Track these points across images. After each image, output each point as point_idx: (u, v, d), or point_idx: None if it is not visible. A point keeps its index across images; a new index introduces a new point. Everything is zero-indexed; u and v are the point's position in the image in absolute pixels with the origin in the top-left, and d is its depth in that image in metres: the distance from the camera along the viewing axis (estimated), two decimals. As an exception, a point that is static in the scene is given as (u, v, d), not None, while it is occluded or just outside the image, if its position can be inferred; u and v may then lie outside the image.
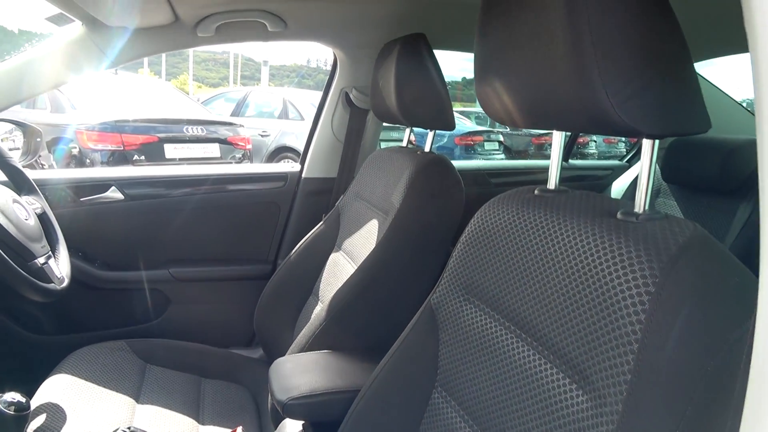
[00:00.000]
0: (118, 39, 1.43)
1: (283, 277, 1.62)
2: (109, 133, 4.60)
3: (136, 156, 4.71)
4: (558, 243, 0.71)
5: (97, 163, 4.57)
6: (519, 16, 0.66)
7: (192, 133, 5.08)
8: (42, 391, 1.26)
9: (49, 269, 1.26)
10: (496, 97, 0.75)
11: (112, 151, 4.59)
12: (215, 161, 5.29)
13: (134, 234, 1.74)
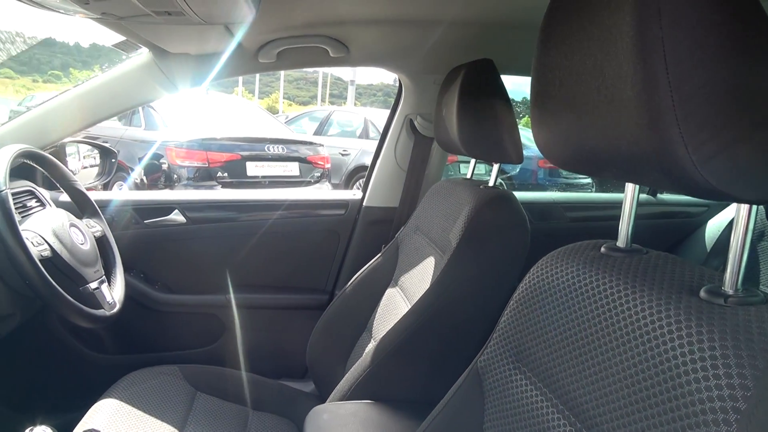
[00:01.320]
0: (183, 65, 1.43)
1: (337, 310, 1.55)
2: (196, 151, 4.79)
3: (220, 173, 4.87)
4: (624, 319, 0.58)
5: (184, 179, 4.77)
6: (581, 44, 0.55)
7: (273, 151, 5.20)
8: (89, 415, 1.25)
9: (101, 294, 1.26)
10: (551, 134, 0.63)
11: (197, 167, 4.77)
12: (294, 179, 5.39)
13: (194, 257, 1.73)
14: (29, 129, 1.45)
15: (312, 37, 1.38)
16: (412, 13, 1.29)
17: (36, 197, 1.51)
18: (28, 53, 28.02)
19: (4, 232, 1.05)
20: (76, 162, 1.85)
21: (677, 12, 0.43)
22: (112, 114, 1.51)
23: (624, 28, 0.47)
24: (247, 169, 5.05)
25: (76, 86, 1.51)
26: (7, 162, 1.13)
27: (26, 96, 16.07)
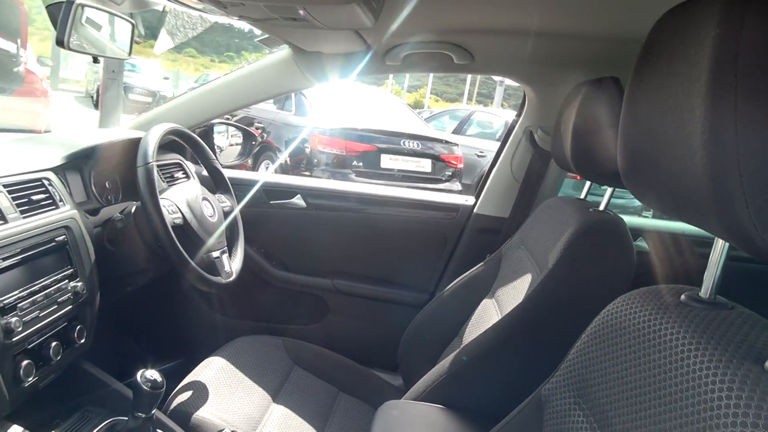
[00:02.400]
0: (316, 62, 1.54)
1: (433, 311, 1.58)
2: (336, 139, 5.05)
3: (355, 162, 5.09)
4: (684, 375, 0.55)
5: (322, 164, 5.05)
6: (666, 82, 0.52)
7: (408, 146, 5.32)
8: (199, 368, 1.40)
9: (220, 263, 1.41)
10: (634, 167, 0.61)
11: (335, 155, 5.03)
12: (425, 176, 5.46)
13: (309, 241, 1.86)
14: (183, 110, 1.65)
15: (437, 43, 1.41)
16: (540, 25, 1.26)
17: (183, 170, 1.72)
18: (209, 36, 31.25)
19: (146, 200, 1.21)
20: (224, 140, 2.07)
21: (755, 60, 0.40)
22: (252, 102, 1.67)
23: (701, 69, 0.45)
24: (381, 161, 5.21)
25: (225, 74, 1.68)
26: (157, 139, 1.31)
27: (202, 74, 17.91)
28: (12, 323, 0.94)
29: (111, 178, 1.46)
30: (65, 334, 1.11)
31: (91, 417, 1.16)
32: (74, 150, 1.29)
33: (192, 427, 1.20)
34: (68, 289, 1.11)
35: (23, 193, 1.07)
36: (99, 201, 1.39)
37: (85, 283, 1.15)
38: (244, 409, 1.32)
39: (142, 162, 1.25)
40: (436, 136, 5.71)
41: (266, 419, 1.34)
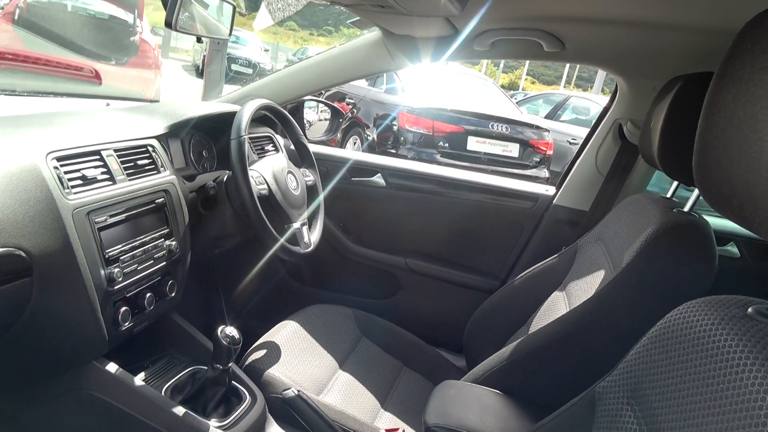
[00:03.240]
0: (405, 45, 1.56)
1: (502, 298, 1.59)
2: (424, 118, 5.05)
3: (441, 143, 5.08)
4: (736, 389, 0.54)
5: (408, 142, 5.08)
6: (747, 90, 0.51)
7: (497, 130, 5.23)
8: (273, 330, 1.50)
9: (300, 234, 1.48)
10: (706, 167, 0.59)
11: (422, 134, 5.04)
12: (512, 161, 5.36)
13: (386, 219, 1.91)
14: (276, 86, 1.73)
15: (527, 30, 1.39)
16: (636, 14, 1.21)
17: (273, 143, 1.81)
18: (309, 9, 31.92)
19: (236, 170, 1.31)
20: (314, 115, 2.15)
21: None
22: (341, 82, 1.72)
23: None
24: (468, 143, 5.17)
25: (318, 54, 1.75)
26: (250, 114, 1.39)
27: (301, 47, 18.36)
28: (114, 273, 1.06)
29: (208, 147, 1.58)
30: (159, 287, 1.24)
31: (176, 363, 1.28)
32: (176, 120, 1.40)
33: (263, 382, 1.30)
34: (164, 247, 1.22)
35: (131, 158, 1.19)
36: (196, 168, 1.51)
37: (178, 242, 1.26)
38: (311, 372, 1.40)
39: (236, 135, 1.34)
40: (527, 121, 5.56)
41: (331, 384, 1.42)
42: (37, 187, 0.94)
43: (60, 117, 1.19)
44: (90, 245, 1.02)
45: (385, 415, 1.42)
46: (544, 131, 5.54)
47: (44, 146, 1.00)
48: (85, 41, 3.93)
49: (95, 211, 1.04)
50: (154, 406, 1.09)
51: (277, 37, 25.45)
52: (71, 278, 0.98)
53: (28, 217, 0.92)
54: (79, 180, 1.04)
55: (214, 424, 1.12)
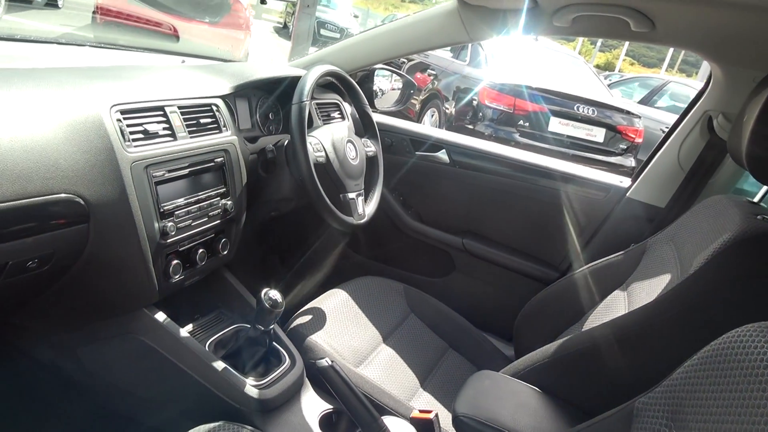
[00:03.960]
0: (479, 17, 1.49)
1: (559, 291, 1.52)
2: (506, 95, 4.88)
3: (521, 122, 4.90)
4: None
5: (487, 119, 4.95)
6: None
7: (582, 112, 4.98)
8: (323, 297, 1.52)
9: (354, 205, 1.48)
10: None
11: (502, 111, 4.88)
12: (596, 146, 5.10)
13: (447, 196, 1.87)
14: (346, 53, 1.71)
15: (614, 7, 1.28)
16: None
17: (339, 110, 1.81)
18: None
19: (295, 136, 1.31)
20: (387, 84, 2.11)
21: None
22: (412, 52, 1.68)
23: None
24: (550, 124, 4.96)
25: (391, 22, 1.71)
26: (314, 80, 1.38)
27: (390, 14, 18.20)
28: (168, 227, 1.09)
29: (274, 110, 1.59)
30: (211, 244, 1.27)
31: (223, 319, 1.32)
32: (243, 81, 1.42)
33: (304, 347, 1.32)
34: (219, 205, 1.25)
35: (194, 116, 1.22)
36: (261, 130, 1.53)
37: (234, 202, 1.29)
38: (354, 342, 1.41)
39: (297, 100, 1.34)
40: (616, 105, 5.25)
41: (373, 357, 1.42)
42: (99, 138, 0.98)
43: (130, 71, 1.22)
44: (146, 198, 1.05)
45: (423, 395, 1.41)
46: (635, 117, 5.22)
47: (110, 99, 1.03)
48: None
49: (154, 165, 1.07)
50: (196, 357, 1.14)
51: (368, 3, 25.35)
52: (125, 228, 1.02)
53: (88, 166, 0.96)
54: (141, 134, 1.07)
55: (251, 382, 1.15)
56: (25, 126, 0.88)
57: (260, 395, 1.14)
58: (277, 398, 1.16)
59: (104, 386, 1.23)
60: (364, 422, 1.01)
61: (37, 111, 0.91)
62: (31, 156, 0.86)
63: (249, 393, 1.13)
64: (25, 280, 0.93)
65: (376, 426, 1.02)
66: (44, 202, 0.88)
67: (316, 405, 1.23)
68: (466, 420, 0.98)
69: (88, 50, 1.42)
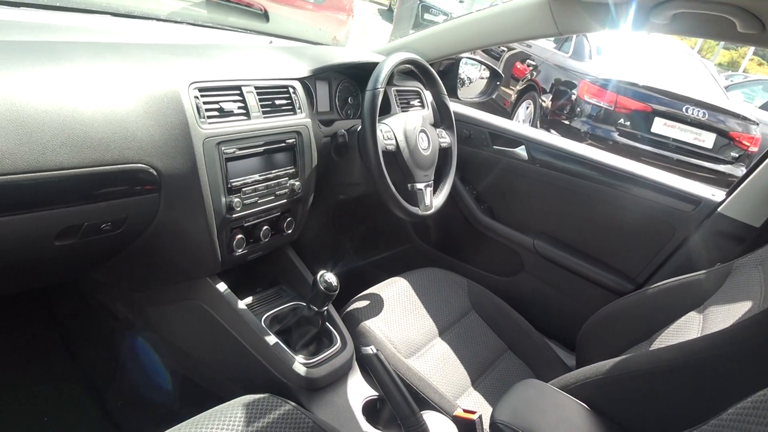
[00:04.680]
0: (571, 10, 1.42)
1: (632, 304, 1.43)
2: (607, 91, 4.62)
3: (622, 120, 4.63)
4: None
5: (584, 115, 4.72)
6: None
7: (692, 114, 4.61)
8: (382, 284, 1.53)
9: (422, 195, 1.46)
10: None
11: (601, 108, 4.63)
12: (703, 152, 4.72)
13: (522, 194, 1.80)
14: (429, 41, 1.69)
15: (720, 5, 1.16)
16: None
17: (420, 98, 1.79)
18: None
19: (365, 122, 1.31)
20: (475, 73, 2.07)
21: None
22: (497, 43, 1.63)
23: None
24: (654, 125, 4.64)
25: (479, 11, 1.66)
26: (391, 67, 1.37)
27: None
28: (234, 202, 1.14)
29: (354, 94, 1.60)
30: (277, 222, 1.31)
31: (282, 295, 1.36)
32: (322, 65, 1.44)
33: (357, 332, 1.34)
34: (287, 185, 1.28)
35: (269, 97, 1.25)
36: (339, 114, 1.55)
37: (302, 183, 1.32)
38: (409, 333, 1.41)
39: (371, 87, 1.34)
40: (731, 109, 4.81)
41: (426, 350, 1.41)
42: (175, 114, 1.03)
43: (213, 49, 1.28)
44: (215, 173, 1.10)
45: (472, 395, 1.38)
46: (752, 123, 4.77)
47: (189, 76, 1.08)
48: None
49: (225, 143, 1.12)
50: (250, 329, 1.18)
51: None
52: (193, 200, 1.08)
53: (163, 139, 1.01)
54: (216, 111, 1.12)
55: (300, 359, 1.18)
56: (108, 98, 0.94)
57: (307, 373, 1.16)
58: (323, 378, 1.19)
59: (167, 345, 1.31)
60: (402, 414, 1.02)
61: (121, 84, 0.97)
62: (111, 126, 0.93)
63: (297, 370, 1.16)
64: (100, 241, 1.01)
65: (415, 420, 1.02)
66: (120, 170, 0.94)
67: (361, 390, 1.24)
68: (502, 427, 0.95)
69: (182, 27, 1.49)
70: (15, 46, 0.92)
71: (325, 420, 1.03)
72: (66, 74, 0.91)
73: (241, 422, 0.95)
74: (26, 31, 1.03)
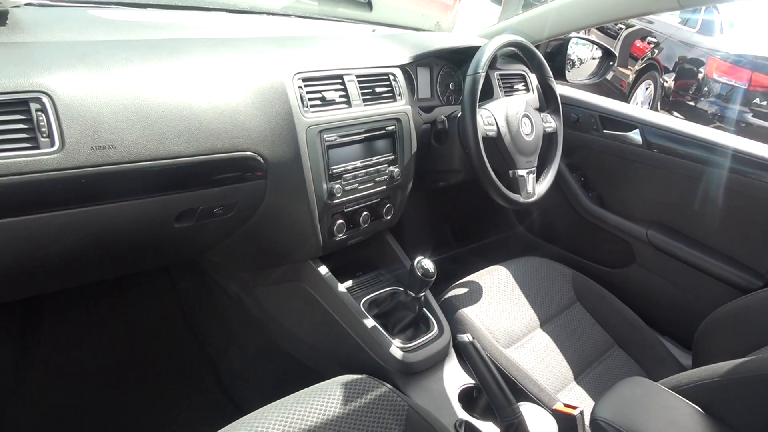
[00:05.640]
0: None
1: (760, 302, 1.31)
2: (741, 68, 4.20)
3: (758, 99, 4.18)
4: None
5: (713, 94, 4.33)
6: None
7: None
8: (482, 272, 1.51)
9: (523, 182, 1.42)
10: None
11: (732, 86, 4.21)
12: None
13: (635, 181, 1.69)
14: (535, 22, 1.62)
15: None
16: None
17: (524, 82, 1.73)
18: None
19: (465, 108, 1.29)
20: (587, 53, 1.97)
21: None
22: (611, 20, 1.53)
23: None
24: (796, 103, 4.15)
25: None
26: (492, 51, 1.34)
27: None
28: (335, 188, 1.18)
29: (456, 80, 1.59)
30: (376, 208, 1.33)
31: (381, 280, 1.39)
32: (423, 51, 1.43)
33: (454, 319, 1.33)
34: (386, 172, 1.30)
35: (370, 85, 1.27)
36: (439, 100, 1.54)
37: (401, 169, 1.33)
38: (508, 323, 1.38)
39: (472, 71, 1.31)
40: None
41: (526, 340, 1.38)
42: (281, 103, 1.08)
43: (316, 40, 1.32)
44: (317, 160, 1.14)
45: (575, 389, 1.33)
46: None
47: (294, 67, 1.13)
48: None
49: (327, 131, 1.15)
50: (349, 311, 1.22)
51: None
52: (297, 186, 1.13)
53: (269, 128, 1.07)
54: (318, 100, 1.16)
55: (397, 343, 1.20)
56: (220, 90, 1.01)
57: (404, 358, 1.18)
58: (420, 363, 1.20)
59: (274, 324, 1.39)
60: (498, 404, 1.00)
61: (231, 77, 1.04)
62: (223, 117, 0.99)
63: (394, 354, 1.18)
64: (214, 224, 1.09)
65: (511, 411, 1.00)
66: (230, 158, 1.01)
67: (458, 377, 1.24)
68: (603, 425, 0.91)
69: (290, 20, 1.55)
70: (140, 44, 1.00)
71: (421, 404, 1.04)
72: (183, 69, 0.98)
73: (340, 400, 0.98)
74: (150, 29, 1.12)
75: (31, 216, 0.80)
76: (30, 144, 0.77)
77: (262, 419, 0.91)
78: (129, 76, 0.90)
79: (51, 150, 0.78)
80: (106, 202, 0.88)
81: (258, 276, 1.36)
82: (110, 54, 0.92)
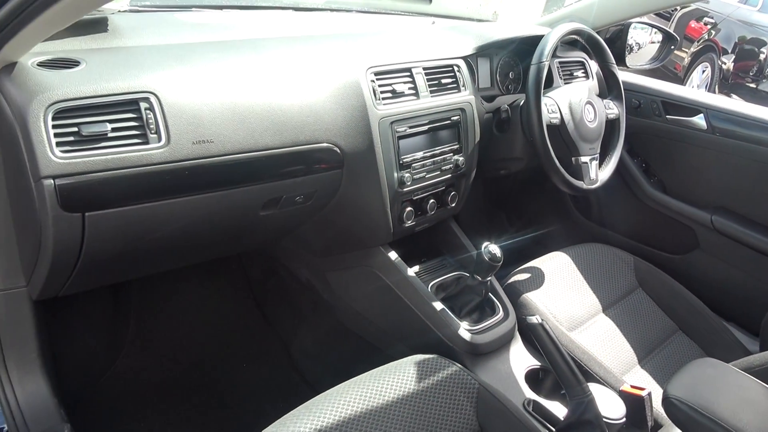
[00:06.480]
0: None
1: None
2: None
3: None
4: None
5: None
6: None
7: None
8: (544, 258, 1.54)
9: (587, 169, 1.44)
10: None
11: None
12: None
13: (699, 167, 1.67)
14: (594, 9, 1.63)
15: None
16: None
17: (584, 69, 1.74)
18: None
19: (530, 97, 1.32)
20: (645, 37, 1.95)
21: None
22: (673, 4, 1.51)
23: None
24: None
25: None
26: (556, 40, 1.36)
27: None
28: (405, 177, 1.23)
29: (515, 69, 1.61)
30: (442, 196, 1.38)
31: (446, 265, 1.44)
32: (485, 42, 1.46)
33: (519, 303, 1.37)
34: (452, 160, 1.34)
35: (436, 76, 1.32)
36: (500, 89, 1.57)
37: (466, 158, 1.37)
38: (571, 308, 1.41)
39: (536, 60, 1.34)
40: None
41: (588, 324, 1.40)
42: (355, 97, 1.14)
43: (384, 35, 1.37)
44: (389, 150, 1.20)
45: (639, 372, 1.35)
46: None
47: (367, 61, 1.18)
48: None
49: (398, 122, 1.21)
50: (418, 295, 1.27)
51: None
52: (371, 176, 1.19)
53: (345, 121, 1.13)
54: (389, 93, 1.21)
55: (465, 326, 1.25)
56: (301, 86, 1.07)
57: (472, 339, 1.23)
58: (487, 345, 1.24)
59: (343, 307, 1.46)
60: (568, 383, 1.03)
61: (310, 74, 1.10)
62: (305, 112, 1.06)
63: (462, 335, 1.23)
64: (294, 211, 1.16)
65: (581, 390, 1.03)
66: (311, 149, 1.07)
67: (524, 359, 1.28)
68: (677, 404, 0.93)
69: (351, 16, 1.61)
70: (226, 45, 1.08)
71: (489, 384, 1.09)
72: (267, 67, 1.05)
73: (414, 378, 1.04)
74: (229, 30, 1.19)
75: (141, 205, 0.89)
76: (140, 140, 0.85)
77: (343, 393, 0.98)
78: (221, 75, 0.97)
79: (158, 145, 0.86)
80: (205, 192, 0.95)
81: (330, 261, 1.43)
82: (203, 55, 1.00)
